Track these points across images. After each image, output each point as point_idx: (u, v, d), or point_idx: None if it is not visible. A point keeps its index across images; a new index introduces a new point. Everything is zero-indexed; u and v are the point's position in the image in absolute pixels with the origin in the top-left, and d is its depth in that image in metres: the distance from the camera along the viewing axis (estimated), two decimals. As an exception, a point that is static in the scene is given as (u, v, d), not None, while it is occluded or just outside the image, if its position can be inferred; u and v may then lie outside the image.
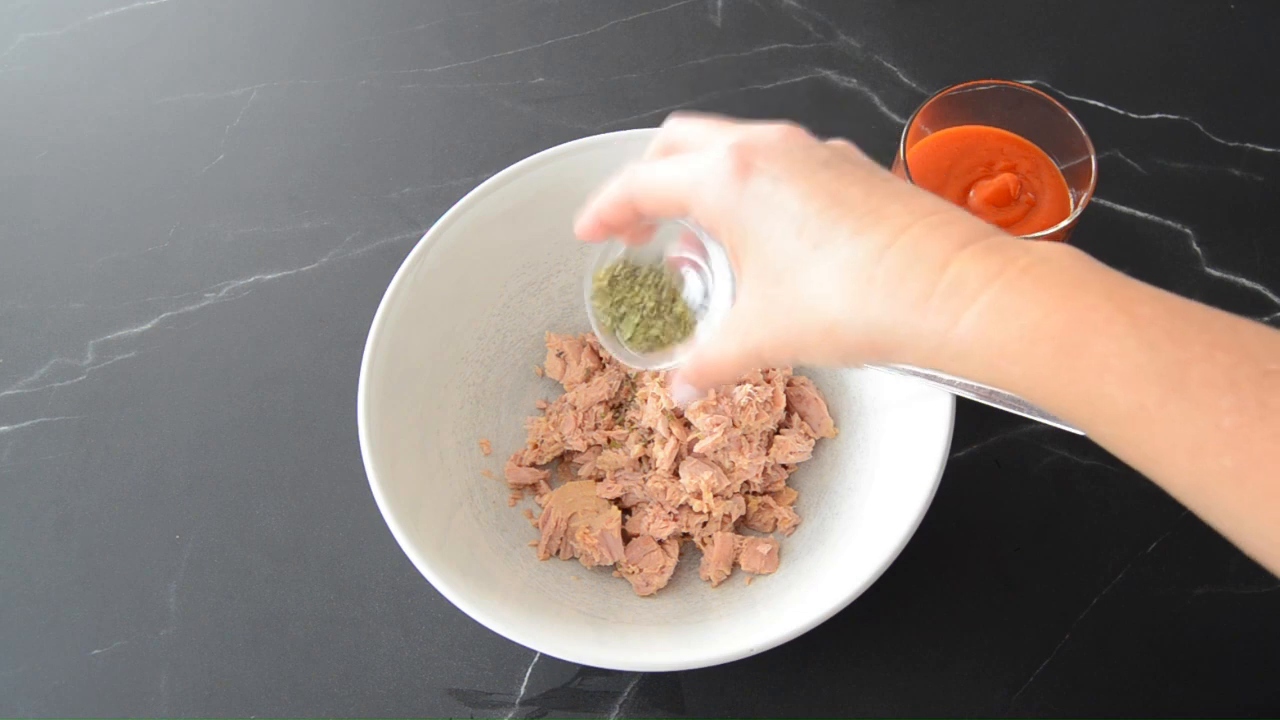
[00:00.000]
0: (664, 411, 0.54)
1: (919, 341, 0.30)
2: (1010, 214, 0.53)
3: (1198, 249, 0.63)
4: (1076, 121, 0.54)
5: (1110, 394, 0.27)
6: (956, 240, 0.30)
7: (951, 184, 0.55)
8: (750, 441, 0.54)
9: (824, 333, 0.32)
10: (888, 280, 0.30)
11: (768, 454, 0.54)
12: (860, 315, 0.31)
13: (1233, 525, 0.27)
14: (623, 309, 0.42)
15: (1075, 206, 0.53)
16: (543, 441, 0.57)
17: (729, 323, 0.36)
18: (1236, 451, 0.25)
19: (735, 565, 0.53)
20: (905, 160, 0.53)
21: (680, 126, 0.38)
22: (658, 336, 0.42)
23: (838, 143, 0.36)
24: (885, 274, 0.30)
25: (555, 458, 0.58)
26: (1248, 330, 0.27)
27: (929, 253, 0.30)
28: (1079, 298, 0.28)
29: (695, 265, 0.41)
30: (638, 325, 0.42)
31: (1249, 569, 0.52)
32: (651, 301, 0.42)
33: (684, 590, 0.53)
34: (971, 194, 0.54)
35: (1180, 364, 0.26)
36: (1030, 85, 0.55)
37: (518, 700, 0.53)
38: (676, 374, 0.39)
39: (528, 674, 0.54)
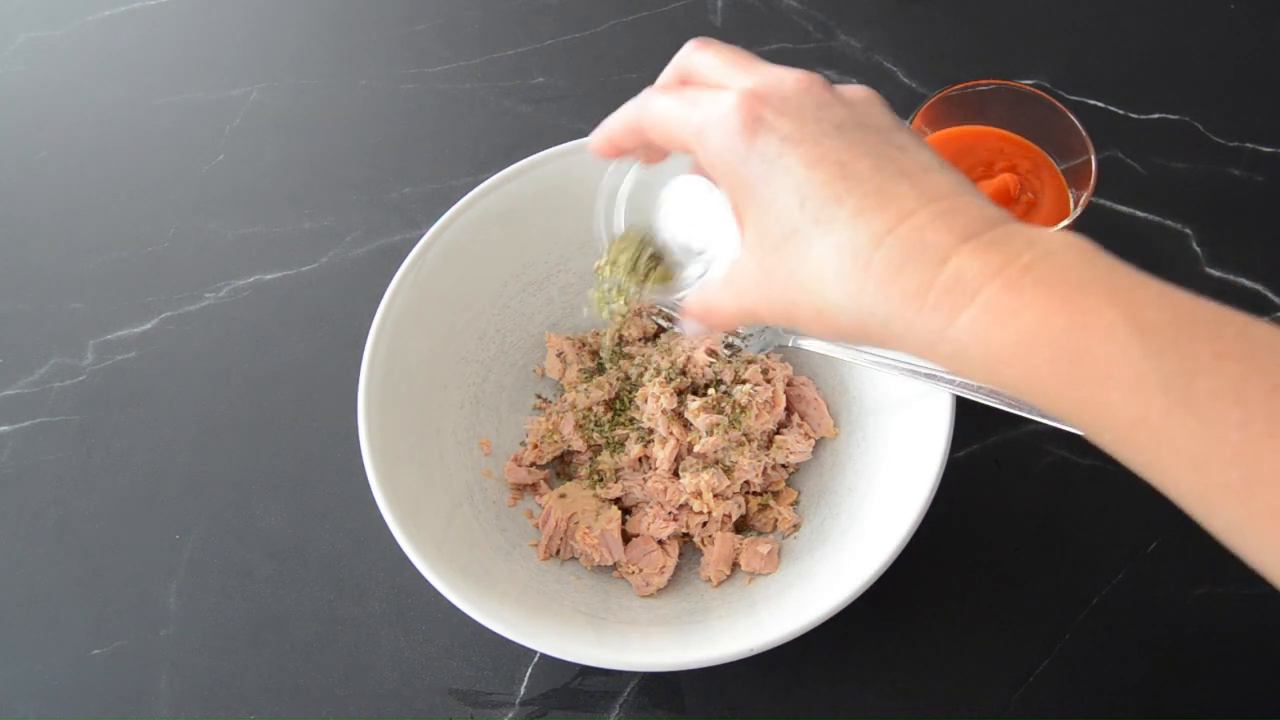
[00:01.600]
0: (664, 411, 0.54)
1: (913, 336, 0.30)
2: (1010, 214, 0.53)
3: (1198, 249, 0.63)
4: (1076, 121, 0.54)
5: (1112, 402, 0.26)
6: (960, 232, 0.29)
7: (951, 184, 0.55)
8: (750, 441, 0.54)
9: (816, 313, 0.32)
10: (885, 270, 0.29)
11: (768, 454, 0.54)
12: (853, 302, 0.30)
13: (1235, 537, 0.26)
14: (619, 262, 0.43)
15: (1075, 206, 0.53)
16: (543, 441, 0.57)
17: (729, 277, 0.36)
18: (1243, 466, 0.24)
19: (735, 565, 0.53)
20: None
21: (697, 54, 0.36)
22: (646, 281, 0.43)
23: (859, 93, 0.34)
24: (883, 263, 0.29)
25: (555, 458, 0.58)
26: (1259, 336, 0.26)
27: (930, 244, 0.29)
28: (1080, 300, 0.27)
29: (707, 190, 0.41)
30: (628, 274, 0.43)
31: (1249, 570, 0.52)
32: (635, 269, 0.42)
33: (684, 590, 0.53)
34: (971, 194, 0.54)
35: (1186, 374, 0.25)
36: (1030, 85, 0.55)
37: (518, 700, 0.53)
38: (683, 309, 0.39)
39: (528, 674, 0.54)
